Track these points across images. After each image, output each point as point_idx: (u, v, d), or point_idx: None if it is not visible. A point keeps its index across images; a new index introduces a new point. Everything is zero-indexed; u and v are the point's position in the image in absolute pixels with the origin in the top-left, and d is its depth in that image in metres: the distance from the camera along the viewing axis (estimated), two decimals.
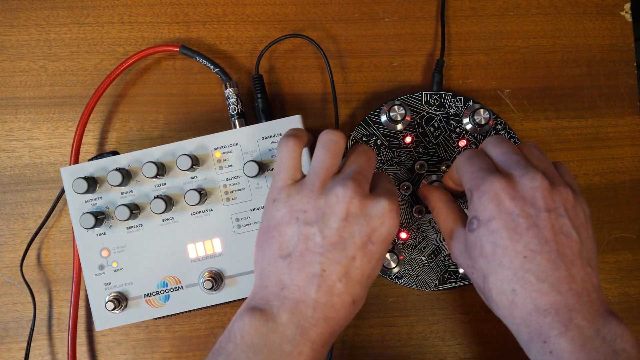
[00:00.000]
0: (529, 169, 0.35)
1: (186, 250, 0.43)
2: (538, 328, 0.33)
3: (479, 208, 0.35)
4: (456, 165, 0.40)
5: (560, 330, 0.32)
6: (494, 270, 0.34)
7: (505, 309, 0.34)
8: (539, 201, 0.34)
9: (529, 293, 0.33)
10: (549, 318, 0.32)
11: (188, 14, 0.50)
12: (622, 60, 0.51)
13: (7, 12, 0.49)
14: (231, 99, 0.46)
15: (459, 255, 0.38)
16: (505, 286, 0.34)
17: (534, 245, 0.33)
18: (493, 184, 0.35)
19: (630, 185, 0.50)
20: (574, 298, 0.33)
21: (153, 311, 0.43)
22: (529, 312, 0.33)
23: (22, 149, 0.48)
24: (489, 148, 0.39)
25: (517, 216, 0.34)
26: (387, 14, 0.50)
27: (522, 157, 0.37)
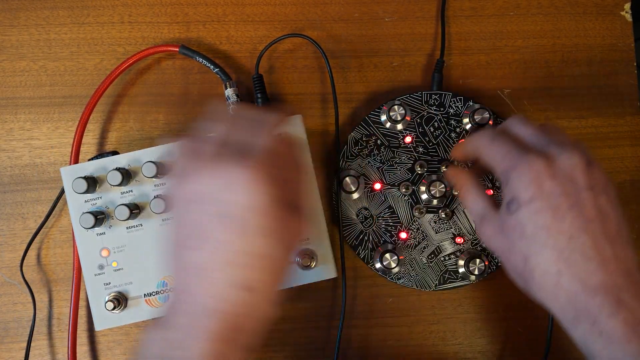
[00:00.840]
0: (565, 146, 0.34)
1: None
2: (586, 308, 0.32)
3: (519, 188, 0.34)
4: (478, 145, 0.38)
5: (610, 311, 0.31)
6: (537, 252, 0.33)
7: (549, 291, 0.33)
8: (579, 179, 0.33)
9: (575, 274, 0.32)
10: (599, 298, 0.31)
11: (188, 14, 0.50)
12: (622, 60, 0.51)
13: (7, 12, 0.49)
14: (231, 99, 0.46)
15: (492, 238, 0.36)
16: (550, 267, 0.33)
17: (578, 224, 0.32)
18: (532, 163, 0.34)
19: (630, 185, 0.50)
20: (622, 277, 0.32)
21: (153, 311, 0.43)
22: (576, 292, 0.32)
23: (22, 149, 0.48)
24: (515, 128, 0.37)
25: (559, 195, 0.33)
26: (387, 14, 0.50)
27: (555, 136, 0.36)
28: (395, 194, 0.47)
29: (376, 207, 0.47)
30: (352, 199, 0.47)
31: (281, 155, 0.34)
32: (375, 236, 0.47)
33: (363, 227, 0.47)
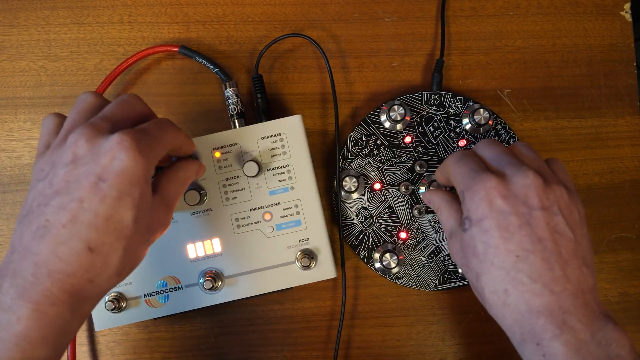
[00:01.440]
0: (521, 167, 0.35)
1: (186, 250, 0.43)
2: (531, 329, 0.32)
3: (471, 208, 0.35)
4: (447, 167, 0.39)
5: (554, 332, 0.31)
6: (486, 270, 0.34)
7: (498, 309, 0.34)
8: (532, 199, 0.34)
9: (521, 293, 0.32)
10: (542, 319, 0.32)
11: (188, 14, 0.50)
12: (622, 60, 0.51)
13: (7, 12, 0.49)
14: (231, 99, 0.46)
15: (455, 255, 0.38)
16: (498, 286, 0.33)
17: (526, 244, 0.33)
18: (484, 182, 0.34)
19: (630, 185, 0.50)
20: (569, 299, 0.32)
21: (153, 311, 0.43)
22: (522, 313, 0.32)
23: (22, 149, 0.48)
24: (480, 149, 0.38)
25: (509, 215, 0.33)
26: (387, 14, 0.50)
27: (514, 157, 0.36)
28: (395, 193, 0.47)
29: (376, 207, 0.47)
30: (352, 198, 0.47)
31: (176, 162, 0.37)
32: (375, 236, 0.47)
33: (363, 227, 0.47)
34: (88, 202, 0.30)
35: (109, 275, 0.31)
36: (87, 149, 0.31)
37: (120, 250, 0.31)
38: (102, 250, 0.30)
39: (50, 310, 0.29)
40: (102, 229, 0.30)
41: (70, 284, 0.30)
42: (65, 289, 0.30)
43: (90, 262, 0.30)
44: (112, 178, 0.30)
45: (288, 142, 0.43)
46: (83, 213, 0.30)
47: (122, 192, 0.30)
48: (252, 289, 0.43)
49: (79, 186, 0.30)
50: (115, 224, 0.30)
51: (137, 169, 0.31)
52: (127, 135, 0.31)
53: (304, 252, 0.43)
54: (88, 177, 0.30)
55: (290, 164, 0.43)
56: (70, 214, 0.30)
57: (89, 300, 0.31)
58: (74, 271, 0.30)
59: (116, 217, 0.30)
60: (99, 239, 0.30)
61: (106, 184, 0.30)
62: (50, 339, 0.29)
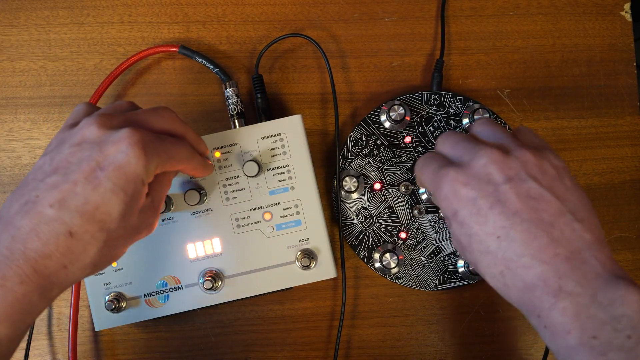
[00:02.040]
0: (475, 149, 0.34)
1: (186, 250, 0.43)
2: (531, 303, 0.31)
3: (442, 205, 0.35)
4: (416, 177, 0.39)
5: (550, 302, 0.30)
6: (478, 259, 0.33)
7: (503, 292, 0.33)
8: (494, 175, 0.32)
9: (515, 271, 0.31)
10: (538, 291, 0.30)
11: (188, 13, 0.50)
12: (622, 60, 0.51)
13: (7, 12, 0.49)
14: (231, 99, 0.46)
15: (455, 245, 0.37)
16: (493, 270, 0.32)
17: (502, 222, 0.31)
18: (444, 177, 0.34)
19: (630, 185, 0.50)
20: (564, 263, 0.30)
21: (153, 311, 0.43)
22: (520, 289, 0.31)
23: (22, 149, 0.48)
24: (439, 146, 0.38)
25: (477, 199, 0.32)
26: (387, 14, 0.50)
27: (470, 142, 0.35)
28: (395, 193, 0.47)
29: (376, 207, 0.47)
30: (352, 198, 0.47)
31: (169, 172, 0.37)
32: (375, 236, 0.47)
33: (363, 227, 0.47)
34: (81, 186, 0.30)
35: (84, 264, 0.31)
36: (96, 136, 0.31)
37: (100, 241, 0.31)
38: (82, 238, 0.30)
39: (17, 288, 0.29)
40: (88, 217, 0.30)
41: (44, 266, 0.29)
42: (38, 269, 0.29)
43: (68, 247, 0.30)
44: (111, 169, 0.30)
45: (288, 142, 0.43)
46: (73, 197, 0.30)
47: (116, 185, 0.30)
48: (252, 289, 0.43)
49: (78, 169, 0.30)
50: (102, 215, 0.30)
51: (137, 167, 0.31)
52: (137, 132, 0.31)
53: (304, 252, 0.43)
54: (89, 162, 0.30)
55: (290, 164, 0.43)
56: (61, 195, 0.29)
57: (58, 285, 0.31)
58: (49, 253, 0.29)
59: (104, 208, 0.30)
60: (82, 226, 0.30)
61: (103, 174, 0.30)
62: (14, 318, 0.29)
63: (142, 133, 0.31)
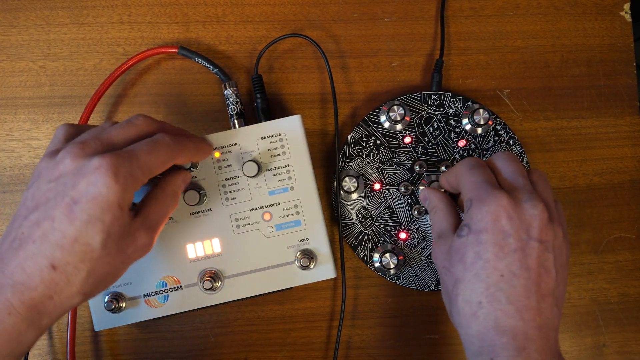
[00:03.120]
0: (533, 195, 0.36)
1: (185, 250, 0.43)
2: (490, 345, 0.33)
3: (475, 218, 0.36)
4: (457, 172, 0.40)
5: (511, 353, 0.33)
6: (467, 279, 0.35)
7: (465, 318, 0.35)
8: (534, 230, 0.35)
9: (494, 310, 0.34)
10: (505, 339, 0.33)
11: (187, 14, 0.50)
12: (621, 60, 0.51)
13: (7, 12, 0.49)
14: (230, 99, 0.46)
15: (439, 256, 0.38)
16: (474, 297, 0.35)
17: (514, 268, 0.34)
18: (497, 199, 0.35)
19: (630, 185, 0.50)
20: (534, 330, 0.33)
21: (152, 311, 0.43)
22: (488, 328, 0.34)
23: (21, 149, 0.48)
24: (499, 162, 0.39)
25: (509, 236, 0.34)
26: (386, 14, 0.50)
27: (529, 182, 0.37)
28: (394, 194, 0.47)
29: (376, 207, 0.47)
30: (352, 199, 0.47)
31: (161, 178, 0.37)
32: (374, 236, 0.47)
33: (362, 227, 0.47)
34: (59, 221, 0.31)
35: (71, 294, 0.32)
36: (70, 169, 0.32)
37: (84, 271, 0.32)
38: (65, 270, 0.31)
39: (6, 319, 0.30)
40: (68, 250, 0.31)
41: (30, 298, 0.31)
42: (24, 301, 0.31)
43: (52, 279, 0.31)
44: (85, 202, 0.31)
45: (288, 142, 0.43)
46: (52, 232, 0.31)
47: (92, 217, 0.31)
48: (252, 289, 0.43)
49: (55, 205, 0.31)
50: (82, 246, 0.31)
51: (109, 196, 0.31)
52: (105, 160, 0.31)
53: (303, 252, 0.43)
54: (64, 197, 0.31)
55: (290, 164, 0.43)
56: (42, 231, 0.31)
57: (48, 314, 0.32)
58: (35, 285, 0.31)
59: (83, 239, 0.31)
60: (63, 258, 0.31)
61: (78, 207, 0.31)
62: (3, 348, 0.30)
63: (109, 160, 0.32)
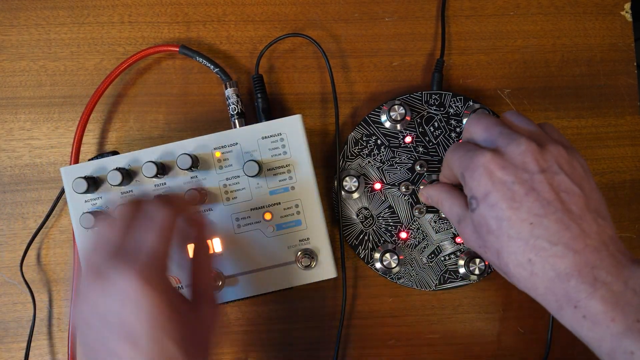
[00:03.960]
0: (512, 135, 0.34)
1: (186, 249, 0.43)
2: (565, 293, 0.31)
3: (473, 186, 0.34)
4: (445, 162, 0.39)
5: (587, 291, 0.31)
6: (505, 245, 0.33)
7: (527, 281, 0.33)
8: (530, 164, 0.33)
9: (545, 259, 0.32)
10: (573, 281, 0.31)
11: (188, 13, 0.50)
12: (622, 60, 0.51)
13: (7, 12, 0.49)
14: (231, 99, 0.46)
15: (470, 238, 0.37)
16: (520, 258, 0.33)
17: (537, 210, 0.32)
18: (479, 158, 0.34)
19: (630, 185, 0.50)
20: (593, 254, 0.31)
21: None
22: (551, 279, 0.32)
23: (22, 148, 0.48)
24: (470, 129, 0.38)
25: (513, 184, 0.33)
26: (387, 14, 0.50)
27: (504, 127, 0.36)
28: (395, 193, 0.47)
29: (376, 207, 0.47)
30: (352, 198, 0.47)
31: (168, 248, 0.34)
32: (375, 236, 0.47)
33: (363, 227, 0.47)
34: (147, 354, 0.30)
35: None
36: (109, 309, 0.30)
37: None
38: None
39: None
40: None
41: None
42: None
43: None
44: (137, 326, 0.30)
45: (288, 142, 0.43)
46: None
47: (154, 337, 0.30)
48: (253, 288, 0.43)
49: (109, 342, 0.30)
50: None
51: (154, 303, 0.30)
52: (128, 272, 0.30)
53: (304, 252, 0.43)
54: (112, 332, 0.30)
55: (291, 164, 0.43)
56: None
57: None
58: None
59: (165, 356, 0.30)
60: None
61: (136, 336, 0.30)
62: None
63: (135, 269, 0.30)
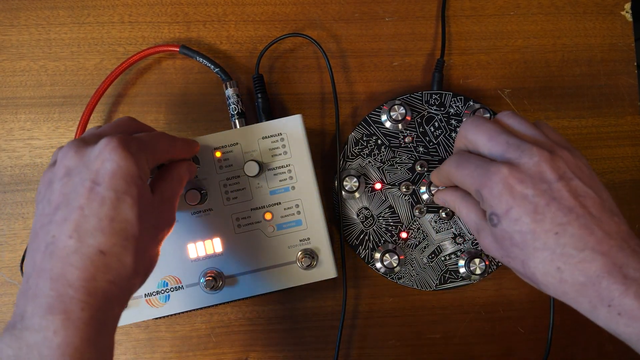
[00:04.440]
0: (521, 146, 0.34)
1: (186, 249, 0.43)
2: (597, 295, 0.32)
3: (494, 203, 0.34)
4: (447, 173, 0.39)
5: (620, 290, 0.31)
6: (531, 256, 0.33)
7: (556, 288, 0.33)
8: (547, 174, 0.33)
9: (574, 266, 0.32)
10: (604, 282, 0.31)
11: (188, 13, 0.50)
12: (622, 60, 0.51)
13: (7, 12, 0.49)
14: (231, 99, 0.46)
15: (491, 248, 0.37)
16: (548, 267, 0.33)
17: (560, 219, 0.33)
18: (496, 174, 0.34)
19: (630, 185, 0.50)
20: (619, 253, 0.32)
21: (153, 311, 0.43)
22: (582, 283, 0.32)
23: (22, 148, 0.48)
24: (470, 138, 0.37)
25: (533, 197, 0.33)
26: (387, 14, 0.50)
27: (508, 135, 0.36)
28: (395, 193, 0.47)
29: (377, 206, 0.47)
30: (353, 198, 0.47)
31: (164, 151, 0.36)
32: (375, 236, 0.47)
33: (363, 227, 0.47)
34: (88, 208, 0.30)
35: (127, 275, 0.31)
36: (77, 160, 0.32)
37: (131, 249, 0.31)
38: (113, 251, 0.30)
39: (82, 315, 0.29)
40: (108, 231, 0.30)
41: (94, 288, 0.30)
42: (90, 293, 0.30)
43: (105, 264, 0.30)
44: (107, 180, 0.31)
45: (289, 141, 0.43)
46: (86, 220, 0.30)
47: (119, 192, 0.31)
48: (253, 288, 0.43)
49: (77, 195, 0.31)
50: (120, 223, 0.31)
51: (129, 167, 0.31)
52: (113, 138, 0.32)
53: (304, 251, 0.43)
54: (83, 184, 0.31)
55: (291, 164, 0.43)
56: (74, 224, 0.30)
57: (116, 300, 0.31)
58: (92, 275, 0.30)
59: (119, 217, 0.31)
60: (108, 241, 0.30)
61: (102, 187, 0.31)
62: (92, 341, 0.30)
63: (116, 137, 0.32)
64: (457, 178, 0.38)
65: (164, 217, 0.35)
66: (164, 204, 0.35)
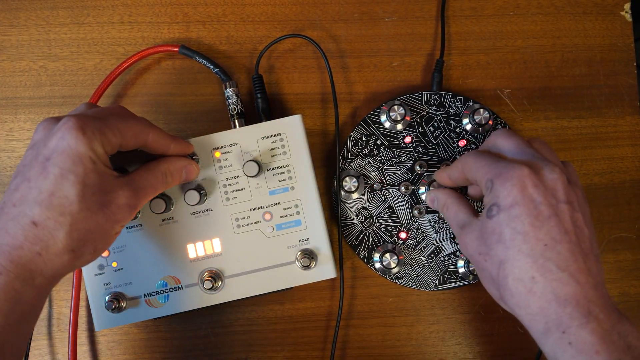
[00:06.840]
0: (545, 160, 0.36)
1: (186, 250, 0.43)
2: (557, 318, 0.33)
3: (501, 194, 0.35)
4: (463, 166, 0.40)
5: (580, 321, 0.32)
6: (512, 257, 0.34)
7: (522, 297, 0.34)
8: (559, 193, 0.35)
9: (549, 282, 0.33)
10: (570, 308, 0.32)
11: (188, 13, 0.50)
12: (622, 60, 0.51)
13: (7, 12, 0.49)
14: (231, 99, 0.46)
15: (471, 244, 0.37)
16: (524, 274, 0.34)
17: (555, 234, 0.33)
18: (517, 170, 0.35)
19: (630, 185, 0.50)
20: (592, 291, 0.33)
21: (153, 311, 0.43)
22: (549, 301, 0.33)
23: (22, 149, 0.48)
24: (499, 141, 0.39)
25: (540, 204, 0.34)
26: (387, 14, 0.50)
27: (536, 152, 0.37)
28: (395, 193, 0.47)
29: (376, 207, 0.47)
30: (352, 198, 0.47)
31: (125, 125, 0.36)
32: (375, 236, 0.47)
33: (363, 227, 0.47)
34: (34, 180, 0.32)
35: (57, 250, 0.32)
36: (42, 135, 0.34)
37: (65, 225, 0.32)
38: (46, 225, 0.32)
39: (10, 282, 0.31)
40: (46, 205, 0.32)
41: (18, 256, 0.31)
42: (12, 260, 0.31)
43: (35, 236, 0.32)
44: (56, 156, 0.32)
45: (288, 142, 0.43)
46: (29, 191, 0.32)
47: (64, 169, 0.32)
48: (252, 289, 0.43)
49: (30, 168, 0.33)
50: (59, 199, 0.32)
51: (78, 147, 0.32)
52: (73, 117, 0.33)
53: (304, 252, 0.43)
54: (37, 158, 0.33)
55: (291, 164, 0.43)
56: (20, 193, 0.32)
57: (40, 272, 0.32)
58: (19, 244, 0.32)
59: (59, 193, 0.32)
60: (43, 214, 0.32)
61: (50, 162, 0.32)
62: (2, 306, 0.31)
63: (78, 117, 0.33)
64: (471, 167, 0.38)
65: (119, 201, 0.34)
66: (128, 189, 0.35)
